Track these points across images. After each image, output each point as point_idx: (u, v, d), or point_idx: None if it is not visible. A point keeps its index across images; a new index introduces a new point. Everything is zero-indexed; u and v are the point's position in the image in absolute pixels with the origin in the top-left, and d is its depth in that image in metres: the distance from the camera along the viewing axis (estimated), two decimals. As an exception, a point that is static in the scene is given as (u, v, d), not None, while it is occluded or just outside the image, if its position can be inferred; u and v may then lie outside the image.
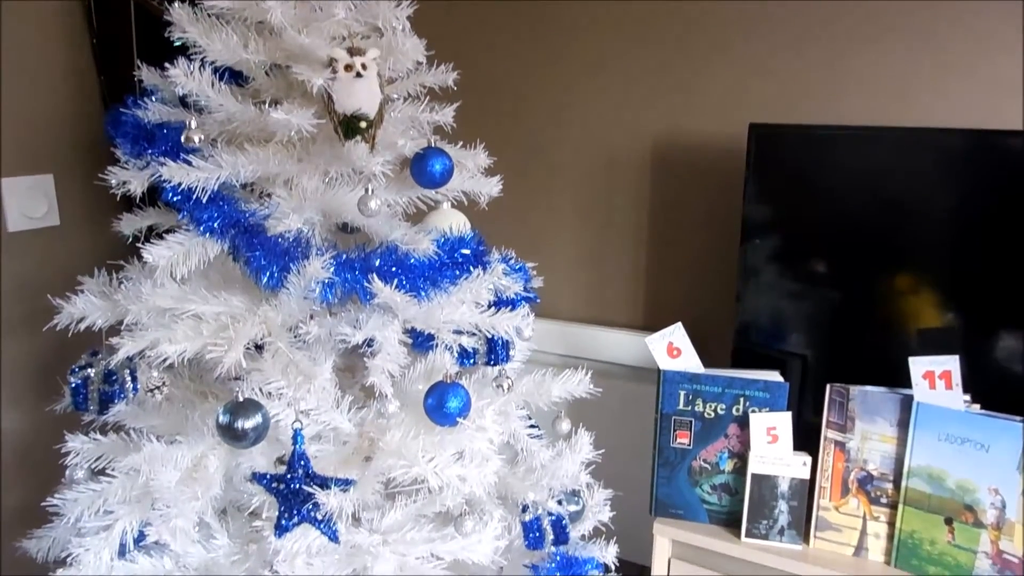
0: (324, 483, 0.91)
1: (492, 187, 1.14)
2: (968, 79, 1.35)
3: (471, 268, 1.02)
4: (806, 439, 1.27)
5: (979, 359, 1.25)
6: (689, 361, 1.30)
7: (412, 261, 0.98)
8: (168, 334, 0.93)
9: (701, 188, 1.59)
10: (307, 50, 0.95)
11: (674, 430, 1.32)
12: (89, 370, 1.07)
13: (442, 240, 1.02)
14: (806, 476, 1.26)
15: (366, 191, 0.95)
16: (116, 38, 1.39)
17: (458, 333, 0.99)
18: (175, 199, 0.96)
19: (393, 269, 0.97)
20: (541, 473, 1.09)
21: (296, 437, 0.92)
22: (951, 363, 1.16)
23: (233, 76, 1.06)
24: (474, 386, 1.04)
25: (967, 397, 1.17)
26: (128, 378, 1.06)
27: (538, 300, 1.11)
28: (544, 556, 1.11)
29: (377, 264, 0.96)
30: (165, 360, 0.93)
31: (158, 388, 0.97)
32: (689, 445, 1.32)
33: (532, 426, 1.13)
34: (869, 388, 1.23)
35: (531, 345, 1.18)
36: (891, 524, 1.24)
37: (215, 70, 1.00)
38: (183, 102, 1.05)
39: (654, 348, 1.30)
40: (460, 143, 1.14)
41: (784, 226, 1.36)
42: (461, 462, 0.97)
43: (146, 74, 1.11)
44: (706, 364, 1.31)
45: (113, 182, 1.02)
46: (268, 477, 0.92)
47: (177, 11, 0.98)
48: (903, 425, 1.21)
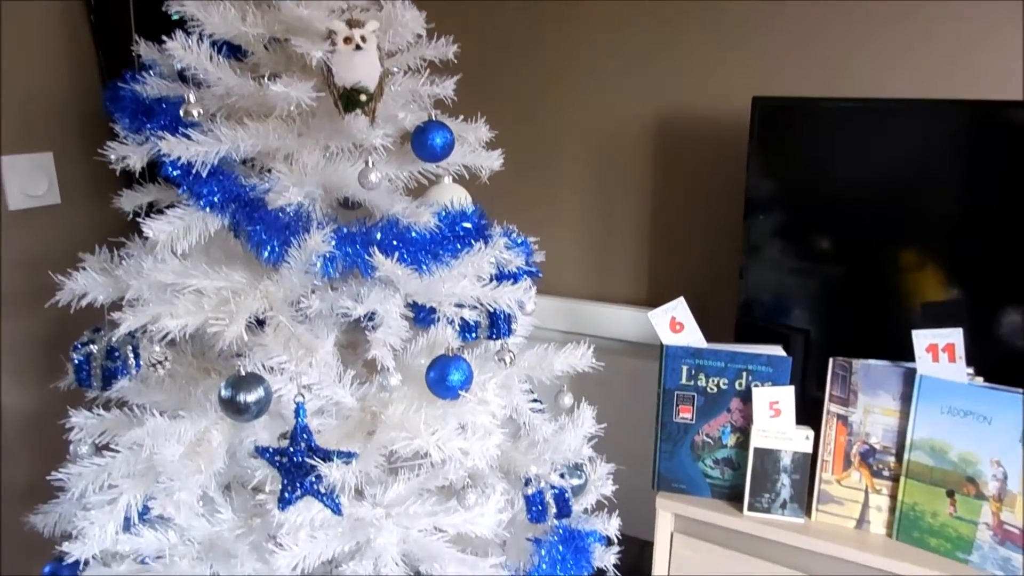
0: (326, 456, 0.91)
1: (493, 161, 1.13)
2: (977, 50, 1.33)
3: (473, 242, 1.02)
4: (809, 413, 1.27)
5: (983, 333, 1.24)
6: (692, 336, 1.30)
7: (413, 234, 0.98)
8: (170, 309, 0.93)
9: (704, 163, 1.58)
10: (306, 22, 0.95)
11: (677, 405, 1.32)
12: (92, 346, 1.07)
13: (443, 214, 1.01)
14: (808, 450, 1.26)
15: (366, 164, 0.94)
16: (114, 13, 1.38)
17: (459, 306, 0.99)
18: (175, 174, 0.96)
19: (394, 243, 0.96)
20: (544, 447, 1.09)
21: (298, 410, 0.92)
22: (954, 336, 1.16)
23: (232, 50, 1.05)
24: (476, 360, 1.04)
25: (970, 370, 1.17)
26: (131, 354, 1.06)
27: (540, 275, 1.11)
28: (547, 529, 1.12)
29: (378, 238, 0.96)
30: (167, 335, 0.93)
31: (160, 363, 0.97)
32: (692, 420, 1.32)
33: (535, 400, 1.13)
34: (872, 361, 1.22)
35: (533, 320, 1.18)
36: (893, 497, 1.24)
37: (213, 44, 0.99)
38: (182, 76, 1.04)
39: (657, 323, 1.30)
40: (460, 117, 1.13)
41: (788, 201, 1.35)
42: (463, 435, 0.98)
43: (144, 49, 1.10)
44: (709, 339, 1.31)
45: (112, 157, 1.01)
46: (271, 451, 0.92)
47: (174, -17, 0.97)
48: (906, 398, 1.21)
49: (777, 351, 1.29)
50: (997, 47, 1.32)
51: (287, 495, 0.93)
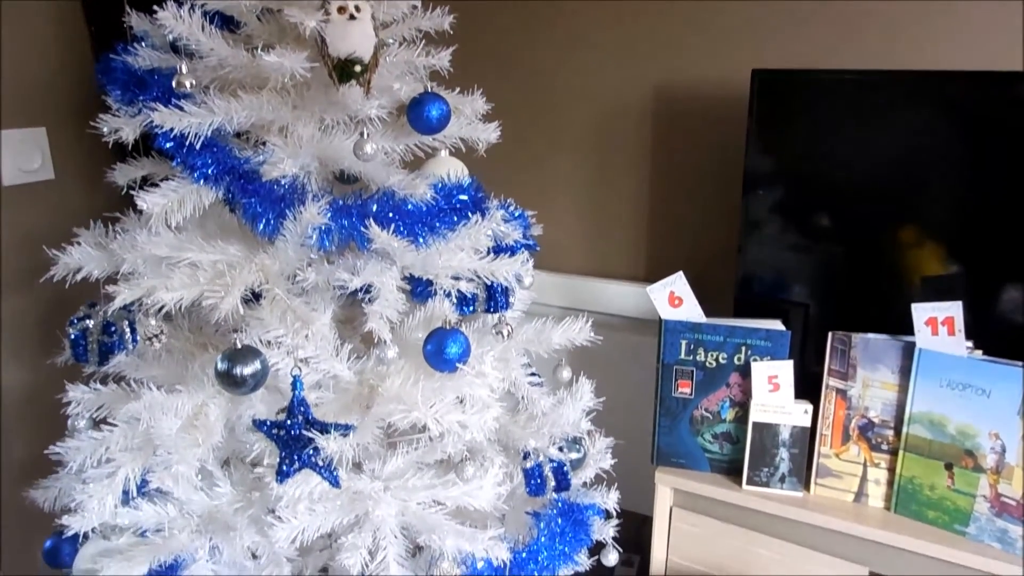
0: (324, 428, 0.91)
1: (490, 133, 1.12)
2: (981, 22, 1.32)
3: (469, 214, 1.01)
4: (808, 388, 1.27)
5: (982, 306, 1.24)
6: (691, 310, 1.29)
7: (409, 207, 0.97)
8: (165, 282, 0.92)
9: (703, 137, 1.57)
10: (299, -9, 0.93)
11: (676, 379, 1.32)
12: (88, 321, 1.07)
13: (440, 186, 1.00)
14: (807, 424, 1.26)
15: (361, 135, 0.93)
16: (105, -14, 1.36)
17: (456, 279, 0.98)
18: (168, 146, 0.95)
19: (390, 215, 0.96)
20: (542, 421, 1.09)
21: (295, 384, 0.92)
22: (954, 309, 1.15)
23: (224, 21, 1.04)
24: (474, 334, 1.04)
25: (969, 343, 1.17)
26: (127, 329, 1.06)
27: (538, 248, 1.10)
28: (545, 503, 1.12)
29: (374, 210, 0.95)
30: (162, 308, 0.92)
31: (156, 336, 0.97)
32: (691, 394, 1.32)
33: (533, 374, 1.13)
34: (871, 335, 1.22)
35: (531, 295, 1.17)
36: (891, 470, 1.24)
37: (205, 14, 0.98)
38: (174, 48, 1.03)
39: (655, 297, 1.29)
40: (457, 90, 1.12)
41: (788, 175, 1.34)
42: (461, 409, 0.97)
43: (135, 20, 1.08)
44: (708, 314, 1.30)
45: (105, 130, 1.00)
46: (268, 423, 0.92)
47: (165, -47, 0.96)
48: (905, 372, 1.20)
49: (776, 325, 1.28)
50: (1001, 17, 1.30)
51: (285, 468, 0.93)
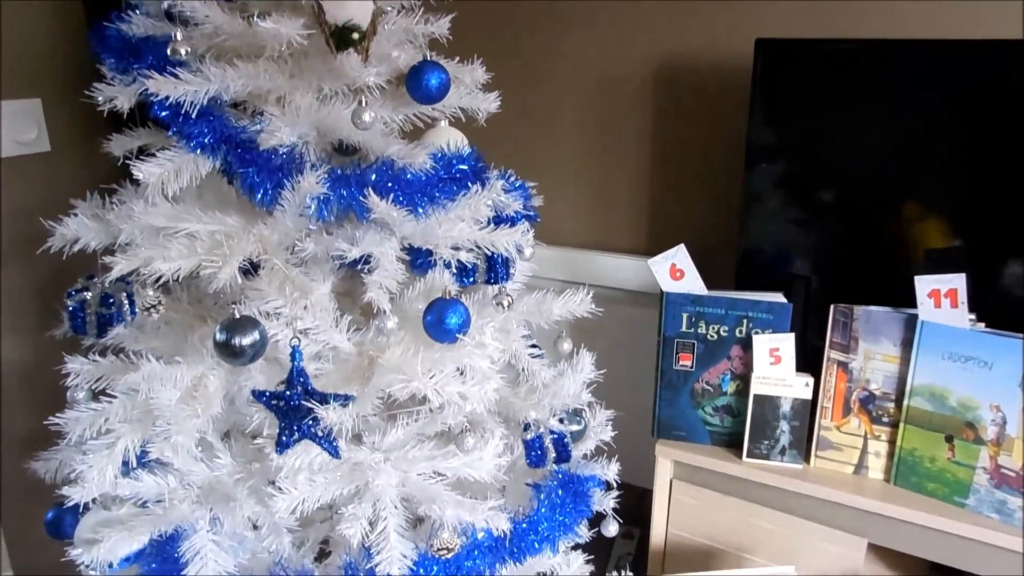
0: (323, 399, 0.91)
1: (490, 103, 1.11)
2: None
3: (469, 184, 1.00)
4: (809, 361, 1.27)
5: (985, 279, 1.23)
6: (692, 283, 1.29)
7: (408, 176, 0.96)
8: (162, 252, 0.92)
9: (706, 108, 1.55)
10: (295, -44, 0.92)
11: (677, 352, 1.32)
12: (86, 293, 1.06)
13: (439, 155, 0.99)
14: (808, 396, 1.26)
15: (359, 103, 0.92)
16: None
17: (456, 249, 0.97)
18: (163, 115, 0.94)
19: (389, 184, 0.95)
20: (543, 392, 1.09)
21: (294, 354, 0.91)
22: (957, 281, 1.15)
23: (219, -12, 1.02)
24: (474, 306, 1.03)
25: (972, 316, 1.16)
26: (125, 301, 1.05)
27: (538, 219, 1.09)
28: (546, 474, 1.12)
29: (373, 179, 0.94)
30: (160, 279, 0.92)
31: (154, 307, 0.96)
32: (691, 367, 1.32)
33: (533, 346, 1.12)
34: (873, 308, 1.21)
35: (532, 266, 1.17)
36: (892, 443, 1.24)
37: (200, -20, 0.96)
38: (168, 15, 1.01)
39: (657, 270, 1.29)
40: (456, 59, 1.10)
41: (791, 147, 1.32)
42: (461, 380, 0.97)
43: (129, -13, 1.06)
44: (709, 287, 1.29)
45: (100, 99, 0.99)
46: (268, 394, 0.92)
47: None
48: (907, 344, 1.20)
49: (778, 298, 1.28)
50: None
51: (284, 439, 0.92)
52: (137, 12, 1.04)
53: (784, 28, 1.44)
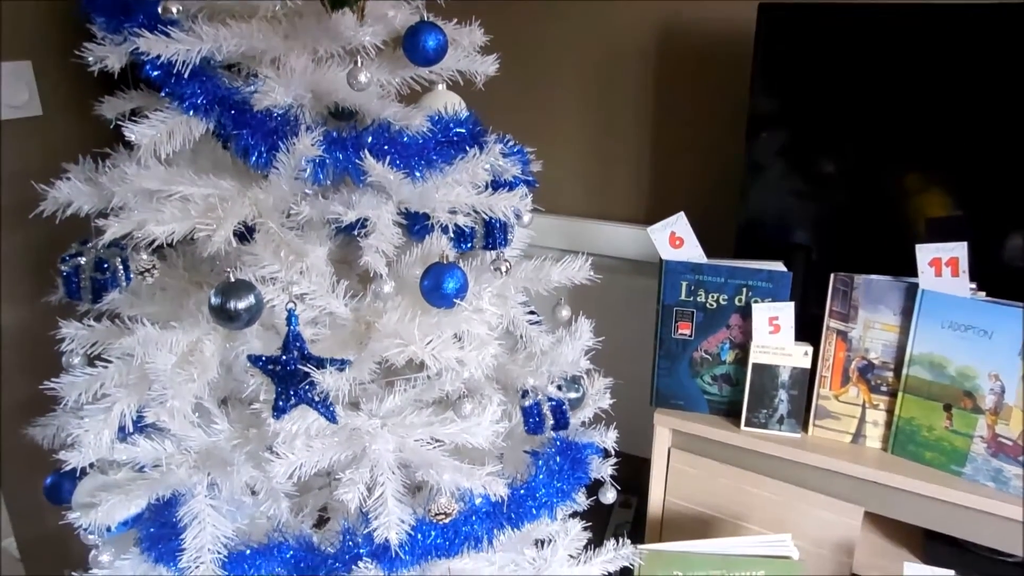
0: (320, 363, 0.90)
1: (488, 66, 1.09)
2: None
3: (467, 148, 0.98)
4: (808, 331, 1.26)
5: (986, 249, 1.22)
6: (691, 251, 1.28)
7: (405, 139, 0.95)
8: (155, 215, 0.90)
9: (707, 77, 1.53)
10: (289, -89, 0.89)
11: (675, 321, 1.31)
12: (80, 258, 1.05)
13: (436, 118, 0.98)
14: (807, 366, 1.25)
15: (355, 63, 0.90)
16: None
17: (453, 213, 0.96)
18: (155, 74, 0.92)
19: (385, 147, 0.93)
20: (541, 359, 1.08)
21: (290, 318, 0.90)
22: (958, 250, 1.14)
23: (212, -55, 1.00)
24: (472, 272, 1.02)
25: (973, 285, 1.15)
26: (120, 266, 1.04)
27: (536, 184, 1.08)
28: (544, 441, 1.12)
29: (369, 141, 0.93)
30: (154, 242, 0.91)
31: (148, 271, 0.95)
32: (690, 336, 1.31)
33: (531, 312, 1.11)
34: (874, 277, 1.21)
35: (530, 233, 1.16)
36: (890, 412, 1.24)
37: (192, -64, 0.94)
38: (160, -27, 0.99)
39: (656, 238, 1.28)
40: (455, 21, 1.08)
41: (793, 115, 1.31)
42: (459, 345, 0.96)
43: (119, -56, 1.04)
44: (709, 256, 1.29)
45: (91, 60, 0.97)
46: (264, 359, 0.91)
47: None
48: (907, 313, 1.19)
49: (778, 267, 1.27)
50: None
51: (281, 403, 0.92)
52: (127, -30, 1.02)
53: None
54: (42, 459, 1.13)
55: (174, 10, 0.92)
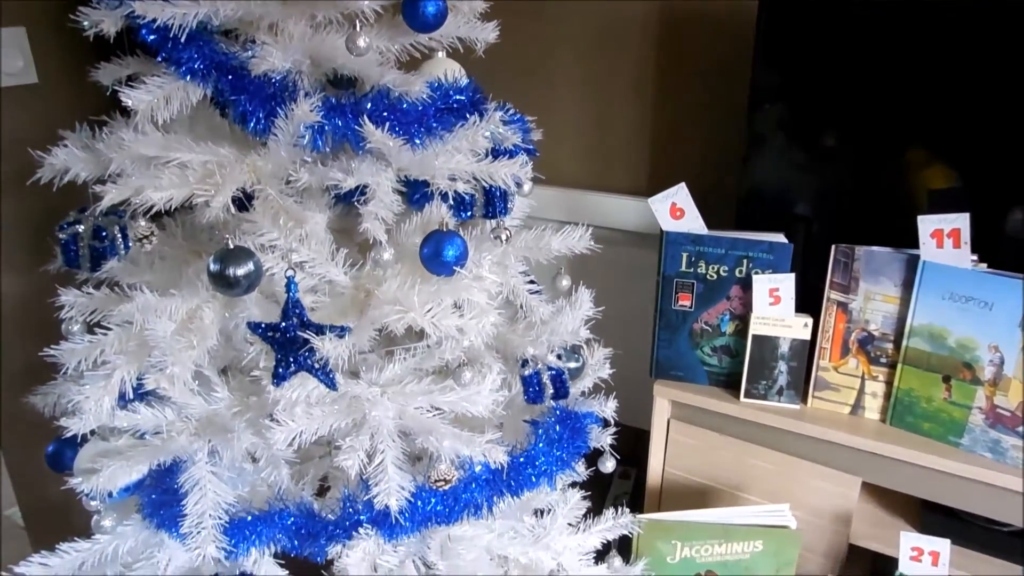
0: (319, 330, 0.90)
1: (489, 33, 1.07)
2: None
3: (467, 115, 0.98)
4: (808, 303, 1.26)
5: (988, 222, 1.21)
6: (692, 222, 1.27)
7: (405, 106, 0.94)
8: (153, 181, 0.90)
9: (709, 49, 1.51)
10: None
11: (676, 292, 1.31)
12: (78, 226, 1.05)
13: (436, 85, 0.97)
14: (807, 337, 1.25)
15: (354, 27, 0.89)
16: None
17: (453, 179, 0.95)
18: (151, 39, 0.91)
19: (385, 114, 0.92)
20: (541, 329, 1.08)
21: (289, 285, 0.90)
22: (960, 221, 1.13)
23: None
24: (472, 241, 1.02)
25: (974, 257, 1.15)
26: (118, 234, 1.04)
27: (537, 153, 1.07)
28: (544, 410, 1.12)
29: (368, 108, 0.92)
30: (152, 208, 0.90)
31: (147, 237, 0.95)
32: (691, 307, 1.31)
33: (531, 282, 1.11)
34: (875, 248, 1.20)
35: (530, 202, 1.15)
36: (889, 383, 1.25)
37: None
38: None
39: (657, 208, 1.27)
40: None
41: (795, 88, 1.29)
42: (459, 314, 0.96)
43: (113, -95, 1.02)
44: (710, 228, 1.28)
45: (86, 24, 0.96)
46: (264, 326, 0.91)
47: None
48: (907, 285, 1.19)
49: (779, 238, 1.26)
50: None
51: (281, 371, 0.92)
52: (122, -68, 1.00)
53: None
54: (43, 428, 1.14)
55: (170, -27, 0.90)
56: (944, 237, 1.15)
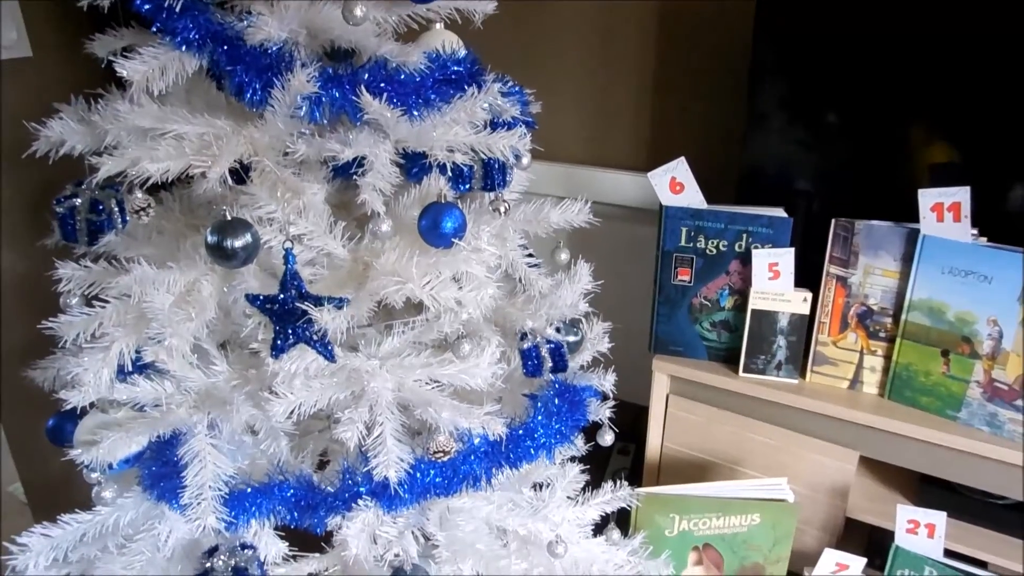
0: (317, 301, 0.90)
1: (487, 5, 1.06)
2: None
3: (465, 87, 0.97)
4: (808, 278, 1.26)
5: (988, 196, 1.21)
6: (692, 196, 1.27)
7: (402, 76, 0.93)
8: (150, 153, 0.89)
9: (710, 24, 1.50)
10: None
11: (675, 267, 1.31)
12: (75, 200, 1.04)
13: (434, 55, 0.96)
14: (806, 312, 1.25)
15: (350, -4, 0.88)
16: None
17: (451, 151, 0.95)
18: (146, 8, 0.90)
19: (382, 84, 0.91)
20: (540, 302, 1.08)
21: (288, 257, 0.90)
22: (961, 195, 1.13)
23: None
24: (471, 213, 1.02)
25: (975, 231, 1.15)
26: (115, 207, 1.03)
27: (536, 126, 1.06)
28: (542, 384, 1.13)
29: (366, 78, 0.91)
30: (148, 180, 0.90)
31: (144, 210, 0.94)
32: (690, 282, 1.31)
33: (530, 255, 1.11)
34: (875, 222, 1.20)
35: (529, 176, 1.14)
36: (887, 358, 1.25)
37: None
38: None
39: (656, 183, 1.27)
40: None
41: (796, 61, 1.28)
42: (457, 287, 0.96)
43: None
44: (709, 202, 1.28)
45: (79, -6, 0.95)
46: (262, 298, 0.91)
47: None
48: (907, 259, 1.19)
49: (779, 213, 1.26)
50: None
51: (279, 343, 0.92)
52: (115, -100, 0.99)
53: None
54: (43, 402, 1.14)
55: (164, -60, 0.89)
56: (944, 211, 1.15)
